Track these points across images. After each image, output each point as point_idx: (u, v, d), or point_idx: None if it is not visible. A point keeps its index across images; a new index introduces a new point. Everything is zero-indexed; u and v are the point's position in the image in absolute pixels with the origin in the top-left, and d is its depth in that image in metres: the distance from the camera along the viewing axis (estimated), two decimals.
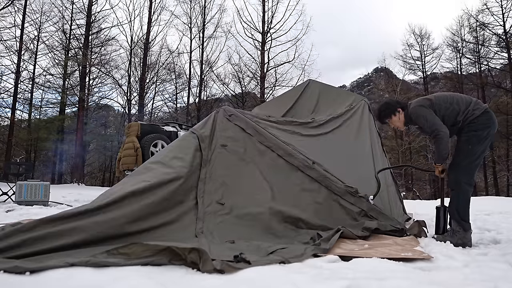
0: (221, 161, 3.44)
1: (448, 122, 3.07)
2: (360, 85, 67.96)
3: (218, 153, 3.50)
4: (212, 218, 2.95)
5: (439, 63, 26.15)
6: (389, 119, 3.36)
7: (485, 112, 3.00)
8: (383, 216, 3.38)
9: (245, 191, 3.29)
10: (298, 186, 3.45)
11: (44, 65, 22.44)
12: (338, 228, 2.92)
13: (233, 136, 3.68)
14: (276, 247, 2.51)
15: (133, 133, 8.28)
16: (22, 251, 1.94)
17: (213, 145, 3.54)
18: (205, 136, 3.51)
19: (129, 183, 2.77)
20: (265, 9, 21.18)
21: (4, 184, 8.43)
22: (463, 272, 2.01)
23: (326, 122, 4.49)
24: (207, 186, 3.19)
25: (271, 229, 3.01)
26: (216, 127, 3.68)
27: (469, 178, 3.04)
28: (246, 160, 3.56)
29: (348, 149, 4.34)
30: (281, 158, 3.59)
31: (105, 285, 1.56)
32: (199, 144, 3.42)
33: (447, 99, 3.12)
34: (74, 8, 20.77)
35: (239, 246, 2.50)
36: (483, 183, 23.45)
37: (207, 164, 3.35)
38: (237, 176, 3.41)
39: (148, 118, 23.13)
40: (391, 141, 25.08)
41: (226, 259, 2.04)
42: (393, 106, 3.32)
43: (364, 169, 4.19)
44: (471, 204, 3.11)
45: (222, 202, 3.12)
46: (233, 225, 2.96)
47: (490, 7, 20.79)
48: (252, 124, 3.77)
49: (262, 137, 3.70)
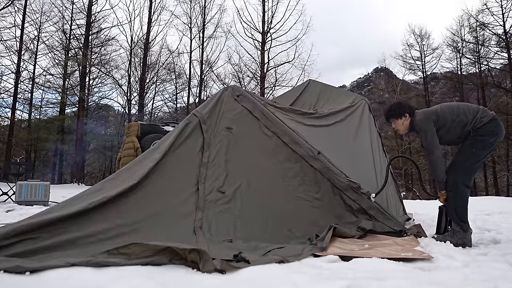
0: (225, 145, 3.28)
1: (455, 134, 3.09)
2: (360, 85, 67.90)
3: (223, 136, 3.32)
4: (212, 207, 2.89)
5: (439, 63, 26.18)
6: (394, 120, 3.38)
7: (492, 119, 3.02)
8: (382, 215, 3.36)
9: (246, 180, 3.19)
10: (299, 179, 3.37)
11: (44, 65, 22.51)
12: (330, 226, 2.92)
13: (239, 118, 3.49)
14: (274, 247, 2.52)
15: (133, 133, 8.28)
16: (22, 248, 1.94)
17: (218, 127, 3.35)
18: (208, 118, 3.31)
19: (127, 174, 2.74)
20: (265, 9, 21.18)
21: (4, 184, 8.43)
22: (463, 272, 2.01)
23: (328, 115, 4.43)
24: (209, 171, 3.08)
25: (267, 227, 2.97)
26: (222, 107, 3.48)
27: (467, 180, 3.05)
28: (251, 146, 3.42)
29: (348, 144, 4.33)
30: (287, 145, 3.47)
31: (105, 285, 1.56)
32: (200, 127, 3.24)
33: (453, 111, 3.12)
34: (74, 8, 20.78)
35: (237, 246, 2.50)
36: (483, 183, 23.45)
37: (210, 147, 3.19)
38: (240, 163, 3.27)
39: (148, 118, 23.12)
40: (391, 141, 25.08)
41: (225, 258, 2.04)
42: (402, 110, 3.33)
43: (363, 167, 4.19)
44: (471, 204, 3.11)
45: (223, 191, 3.03)
46: (232, 217, 2.92)
47: (490, 7, 20.83)
48: (260, 107, 3.60)
49: (269, 121, 3.54)
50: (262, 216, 3.02)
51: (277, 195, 3.22)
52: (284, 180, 3.33)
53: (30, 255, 1.93)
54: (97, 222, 2.32)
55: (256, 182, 3.21)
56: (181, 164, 3.01)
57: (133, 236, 2.36)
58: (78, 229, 2.21)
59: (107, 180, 2.72)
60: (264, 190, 3.20)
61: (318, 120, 4.24)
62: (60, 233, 2.13)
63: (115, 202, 2.46)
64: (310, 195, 3.32)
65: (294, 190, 3.31)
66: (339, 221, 3.23)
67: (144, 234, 2.40)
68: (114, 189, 2.50)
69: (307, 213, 3.21)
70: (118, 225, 2.39)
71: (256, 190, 3.16)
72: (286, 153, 3.46)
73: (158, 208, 2.67)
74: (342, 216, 3.30)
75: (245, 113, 3.55)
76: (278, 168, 3.38)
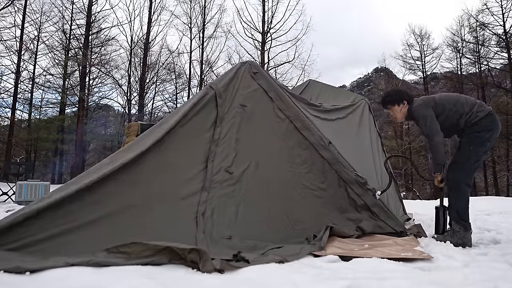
0: (237, 123, 3.14)
1: (450, 123, 3.08)
2: (360, 85, 67.96)
3: (236, 112, 3.17)
4: (218, 189, 2.81)
5: (439, 63, 26.18)
6: (392, 107, 3.34)
7: (488, 114, 3.00)
8: (385, 214, 3.34)
9: (254, 162, 3.09)
10: (306, 167, 3.33)
11: (44, 65, 22.49)
12: (327, 226, 2.91)
13: (253, 96, 3.33)
14: (272, 246, 2.52)
15: (133, 133, 8.26)
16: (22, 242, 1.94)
17: (232, 103, 3.19)
18: (223, 92, 3.13)
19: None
20: (265, 9, 21.18)
21: (4, 184, 8.44)
22: (463, 272, 2.01)
23: (331, 110, 4.40)
24: (218, 148, 2.96)
25: (269, 213, 2.93)
26: (238, 83, 3.31)
27: (468, 179, 3.04)
28: (262, 127, 3.30)
29: (350, 141, 4.32)
30: (298, 131, 3.39)
31: (105, 285, 1.56)
32: (215, 100, 3.06)
33: (452, 100, 3.12)
34: (74, 8, 20.78)
35: (236, 245, 2.49)
36: (483, 183, 23.45)
37: (222, 123, 3.05)
38: (250, 143, 3.16)
39: (148, 118, 23.11)
40: (391, 141, 25.09)
41: (225, 257, 2.04)
42: (401, 96, 3.30)
43: (364, 165, 4.18)
44: (471, 204, 3.11)
45: (231, 171, 2.92)
46: (235, 201, 2.85)
47: (490, 7, 20.81)
48: (275, 88, 3.46)
49: (283, 104, 3.42)
50: (264, 201, 2.98)
51: (283, 180, 3.17)
52: (292, 166, 3.27)
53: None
54: (98, 203, 2.25)
55: (264, 165, 3.13)
56: (191, 139, 2.87)
57: (129, 216, 2.32)
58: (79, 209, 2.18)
59: (115, 154, 2.59)
60: (271, 174, 3.13)
61: (323, 113, 4.20)
62: (62, 214, 2.12)
63: (115, 178, 2.35)
64: (315, 184, 3.29)
65: (300, 177, 3.26)
66: (341, 214, 3.22)
67: (142, 213, 2.35)
68: (118, 162, 2.39)
69: (309, 202, 3.18)
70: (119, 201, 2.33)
71: (263, 173, 3.09)
72: (296, 138, 3.38)
73: (160, 186, 2.56)
74: (344, 209, 3.28)
75: (260, 91, 3.40)
76: (287, 153, 3.31)
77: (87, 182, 2.22)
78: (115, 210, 2.30)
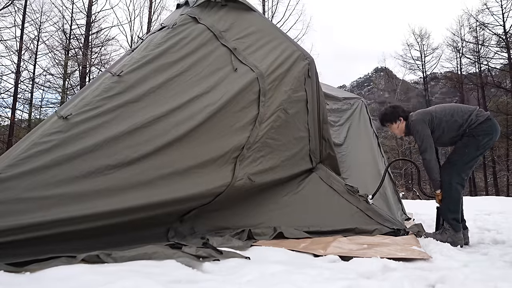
0: (275, 129, 2.85)
1: (450, 134, 3.12)
2: (360, 85, 67.93)
3: (277, 117, 2.86)
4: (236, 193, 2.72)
5: (439, 63, 26.18)
6: (389, 124, 3.43)
7: (487, 119, 3.03)
8: (380, 216, 3.36)
9: (271, 174, 2.93)
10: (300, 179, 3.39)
11: (44, 65, 22.47)
12: (274, 228, 2.85)
13: (296, 104, 3.04)
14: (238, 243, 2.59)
15: None
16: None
17: (276, 103, 2.86)
18: (269, 89, 2.78)
19: None
20: (265, 9, 21.17)
21: None
22: (463, 272, 2.01)
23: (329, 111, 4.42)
24: (250, 153, 2.68)
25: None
26: (293, 79, 3.00)
27: (460, 179, 3.07)
28: (290, 135, 3.03)
29: (348, 142, 4.35)
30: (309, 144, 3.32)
31: (105, 285, 1.56)
32: (259, 93, 2.70)
33: (448, 111, 3.15)
34: (74, 8, 20.77)
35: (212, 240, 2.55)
36: (483, 183, 23.41)
37: (261, 125, 2.71)
38: (276, 153, 2.92)
39: None
40: (391, 141, 25.07)
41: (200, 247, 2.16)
42: (396, 114, 3.37)
43: (363, 164, 4.20)
44: (471, 204, 3.12)
45: (253, 180, 2.71)
46: (246, 205, 2.88)
47: (490, 7, 20.79)
48: (315, 102, 3.21)
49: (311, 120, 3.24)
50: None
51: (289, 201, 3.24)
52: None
53: None
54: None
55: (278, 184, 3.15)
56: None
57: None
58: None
59: None
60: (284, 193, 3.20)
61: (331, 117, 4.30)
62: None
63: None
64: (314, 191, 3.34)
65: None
66: (340, 221, 3.24)
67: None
68: None
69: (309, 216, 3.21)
70: None
71: (274, 191, 3.12)
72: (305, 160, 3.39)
73: None
74: (341, 216, 3.29)
75: (302, 101, 3.17)
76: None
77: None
78: None
